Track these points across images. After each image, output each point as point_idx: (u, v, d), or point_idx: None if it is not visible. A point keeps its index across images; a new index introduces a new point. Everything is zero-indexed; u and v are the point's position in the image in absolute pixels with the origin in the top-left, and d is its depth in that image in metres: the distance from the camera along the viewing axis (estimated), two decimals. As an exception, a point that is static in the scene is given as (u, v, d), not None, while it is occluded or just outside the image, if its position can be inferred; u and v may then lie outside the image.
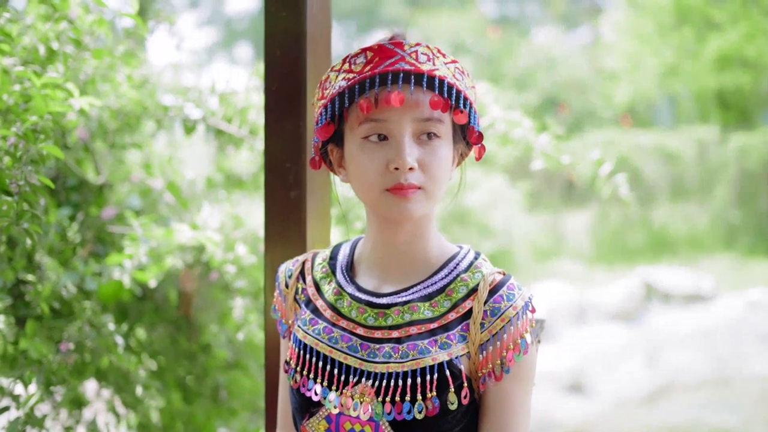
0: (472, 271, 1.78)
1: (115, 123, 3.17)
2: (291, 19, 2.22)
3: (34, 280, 2.66)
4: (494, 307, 1.71)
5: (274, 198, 2.28)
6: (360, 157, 1.69)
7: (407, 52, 1.65)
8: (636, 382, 8.11)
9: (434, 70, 1.64)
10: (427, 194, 1.69)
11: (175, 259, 2.93)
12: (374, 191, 1.69)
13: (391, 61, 1.64)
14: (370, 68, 1.64)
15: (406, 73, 1.63)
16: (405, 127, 1.65)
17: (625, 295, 9.53)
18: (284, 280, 1.95)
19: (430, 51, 1.66)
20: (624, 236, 12.39)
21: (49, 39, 2.58)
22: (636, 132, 14.14)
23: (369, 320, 1.76)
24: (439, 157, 1.68)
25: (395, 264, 1.80)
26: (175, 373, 3.27)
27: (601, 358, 8.36)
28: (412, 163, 1.64)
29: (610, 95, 15.90)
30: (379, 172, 1.67)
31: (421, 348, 1.68)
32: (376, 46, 1.66)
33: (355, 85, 1.65)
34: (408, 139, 1.65)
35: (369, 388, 1.69)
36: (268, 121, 2.28)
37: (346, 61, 1.69)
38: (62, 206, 3.14)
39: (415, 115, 1.65)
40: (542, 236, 11.77)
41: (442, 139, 1.69)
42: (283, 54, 2.24)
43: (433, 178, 1.68)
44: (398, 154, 1.64)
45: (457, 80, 1.67)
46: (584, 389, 7.86)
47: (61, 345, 2.62)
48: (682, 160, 13.30)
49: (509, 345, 1.69)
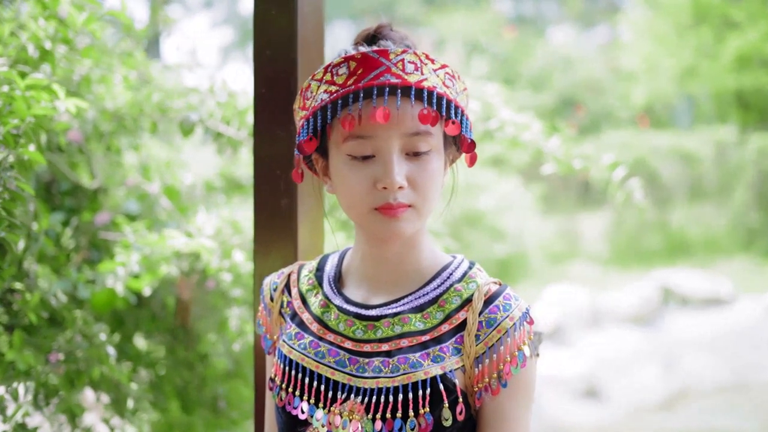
0: (466, 281, 1.69)
1: (111, 125, 3.09)
2: (281, 18, 2.11)
3: (22, 289, 2.58)
4: (490, 318, 1.62)
5: (264, 206, 2.18)
6: (346, 174, 1.60)
7: (393, 62, 1.54)
8: (651, 387, 8.01)
9: (422, 81, 1.54)
10: (417, 212, 1.61)
11: (170, 266, 2.85)
12: (362, 210, 1.61)
13: (376, 73, 1.53)
14: (354, 81, 1.54)
15: (392, 86, 1.53)
16: (393, 144, 1.56)
17: (641, 299, 9.41)
18: (269, 294, 1.87)
19: (418, 58, 1.56)
20: (640, 238, 12.28)
21: (40, 39, 2.50)
22: (653, 133, 14.02)
23: (357, 333, 1.67)
24: (429, 172, 1.59)
25: (385, 275, 1.72)
26: (173, 383, 3.19)
27: (616, 363, 8.26)
28: (402, 182, 1.55)
29: (627, 96, 15.78)
30: (367, 190, 1.58)
31: (412, 361, 1.60)
32: (359, 55, 1.55)
33: (337, 100, 1.55)
34: (396, 156, 1.56)
35: (358, 404, 1.60)
36: (258, 127, 2.19)
37: (327, 71, 1.59)
38: (56, 211, 3.06)
39: (403, 130, 1.55)
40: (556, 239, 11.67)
41: (432, 152, 1.60)
42: (274, 55, 2.13)
43: (424, 195, 1.59)
44: (386, 173, 1.55)
45: (448, 87, 1.57)
46: (599, 395, 7.77)
47: (50, 356, 2.54)
48: (700, 162, 13.17)
49: (506, 357, 1.61)
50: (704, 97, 16.11)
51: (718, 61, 14.36)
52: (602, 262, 11.47)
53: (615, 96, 16.15)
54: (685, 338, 9.03)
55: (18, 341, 2.49)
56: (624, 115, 15.97)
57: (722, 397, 7.95)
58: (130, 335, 3.16)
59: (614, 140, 12.78)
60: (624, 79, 16.24)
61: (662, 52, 15.04)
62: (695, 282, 9.95)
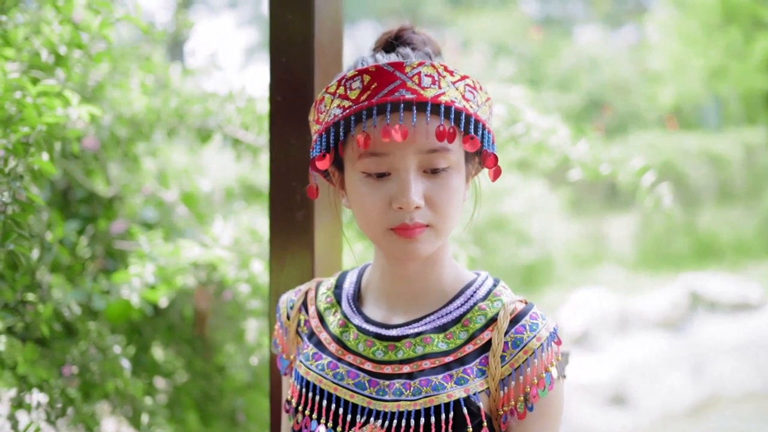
0: (490, 300, 1.61)
1: (128, 131, 3.04)
2: (298, 23, 2.03)
3: (34, 300, 2.51)
4: (516, 338, 1.55)
5: (279, 219, 2.10)
6: (361, 192, 1.53)
7: (408, 76, 1.46)
8: (680, 393, 7.91)
9: (440, 96, 1.46)
10: (436, 232, 1.53)
11: (187, 276, 2.79)
12: (377, 229, 1.54)
13: (391, 88, 1.45)
14: (367, 96, 1.46)
15: (408, 102, 1.45)
16: (409, 162, 1.48)
17: (669, 303, 9.27)
18: (285, 312, 1.79)
19: (435, 71, 1.47)
20: (668, 242, 12.14)
21: (54, 44, 2.44)
22: (681, 135, 13.88)
23: (378, 354, 1.60)
24: (448, 190, 1.51)
25: (406, 294, 1.64)
26: (191, 394, 3.13)
27: (644, 369, 8.15)
28: (418, 201, 1.48)
29: (655, 97, 15.63)
30: (382, 209, 1.51)
31: (435, 384, 1.53)
32: (373, 68, 1.47)
33: (350, 116, 1.47)
34: (413, 174, 1.49)
35: (378, 428, 1.53)
36: (273, 135, 2.11)
37: (341, 84, 1.51)
38: (71, 219, 3.01)
39: (420, 147, 1.47)
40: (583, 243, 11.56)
41: (450, 169, 1.51)
42: (290, 61, 2.05)
43: (443, 214, 1.52)
44: (402, 192, 1.48)
45: (467, 101, 1.49)
46: (626, 401, 7.67)
47: (64, 368, 2.48)
48: (728, 164, 13.01)
49: (533, 380, 1.53)
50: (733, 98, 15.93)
51: (747, 61, 14.20)
52: (630, 266, 11.34)
53: (642, 97, 16.00)
54: (713, 344, 8.90)
55: (30, 354, 2.43)
56: (651, 116, 15.83)
57: (751, 404, 7.86)
58: (147, 346, 3.10)
59: (642, 142, 12.65)
60: (652, 79, 16.09)
61: (690, 52, 14.89)
62: (724, 286, 9.81)
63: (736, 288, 9.82)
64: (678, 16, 15.58)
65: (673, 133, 14.16)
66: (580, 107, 15.07)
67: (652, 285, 10.20)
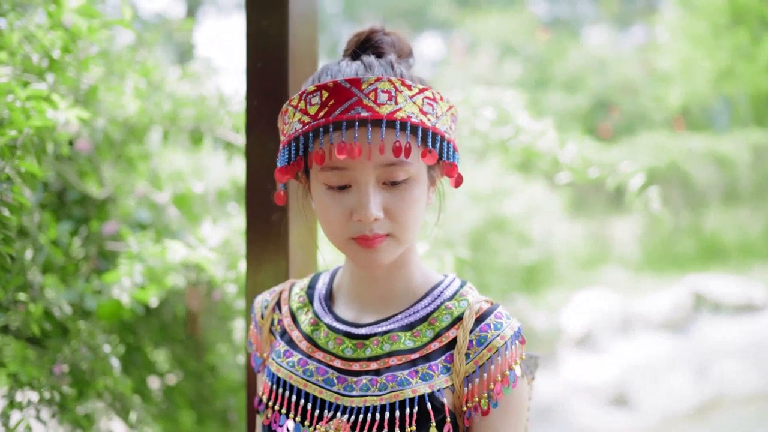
0: (457, 299, 1.66)
1: (121, 134, 3.08)
2: (273, 28, 2.07)
3: (26, 300, 2.56)
4: (481, 336, 1.60)
5: (255, 221, 2.15)
6: (324, 202, 1.57)
7: (365, 92, 1.49)
8: (683, 395, 7.90)
9: (395, 112, 1.49)
10: (396, 240, 1.58)
11: (177, 277, 2.83)
12: (340, 239, 1.59)
13: (346, 106, 1.49)
14: (325, 114, 1.50)
15: (362, 120, 1.48)
16: (368, 175, 1.52)
17: (672, 305, 9.26)
18: (260, 311, 1.84)
19: (393, 86, 1.51)
20: (674, 243, 12.11)
21: (47, 48, 2.49)
22: (687, 136, 13.84)
23: (347, 352, 1.65)
24: (408, 201, 1.55)
25: (375, 295, 1.69)
26: (184, 394, 3.18)
27: (647, 370, 8.14)
28: (377, 214, 1.52)
29: (663, 98, 15.59)
30: (344, 220, 1.56)
31: (400, 379, 1.57)
32: (331, 84, 1.51)
33: (309, 132, 1.52)
34: (372, 187, 1.53)
35: (344, 423, 1.57)
36: (249, 139, 2.15)
37: (302, 98, 1.55)
38: (65, 221, 3.05)
39: (378, 161, 1.51)
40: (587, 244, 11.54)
41: (410, 180, 1.55)
42: (265, 67, 2.10)
43: (402, 224, 1.56)
44: (361, 205, 1.52)
45: (425, 114, 1.52)
46: (629, 402, 7.66)
47: (55, 367, 2.52)
48: (735, 165, 12.96)
49: (497, 377, 1.58)
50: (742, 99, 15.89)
51: (755, 62, 14.16)
52: (634, 268, 11.32)
53: (650, 98, 15.96)
54: (717, 345, 8.88)
55: (21, 352, 2.48)
56: (659, 117, 15.78)
57: (754, 406, 7.83)
58: (141, 346, 3.15)
59: (648, 143, 12.62)
60: (660, 80, 16.05)
61: (698, 53, 14.85)
62: (728, 288, 9.79)
63: (740, 289, 9.80)
64: (686, 17, 15.55)
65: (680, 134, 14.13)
66: (587, 108, 15.05)
67: (656, 286, 10.19)
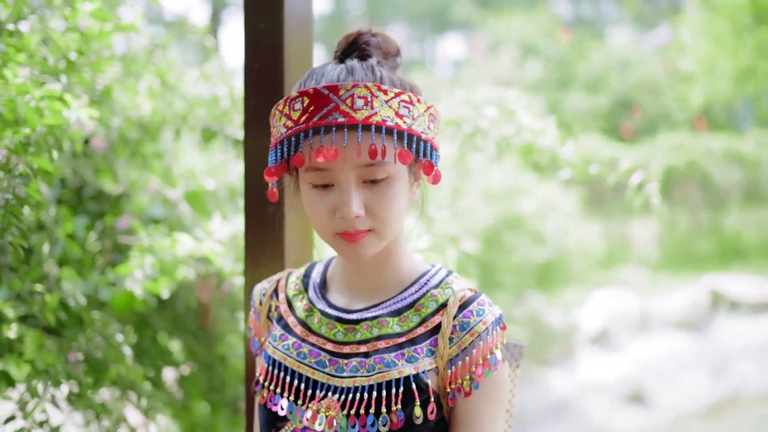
0: (442, 287, 1.76)
1: (136, 132, 3.20)
2: (269, 32, 2.18)
3: (42, 290, 2.68)
4: (463, 322, 1.69)
5: (253, 215, 2.25)
6: (310, 200, 1.68)
7: (342, 98, 1.59)
8: (699, 393, 7.93)
9: (371, 117, 1.59)
10: (378, 235, 1.68)
11: (188, 269, 2.94)
12: (326, 234, 1.70)
13: (325, 112, 1.59)
14: (305, 119, 1.61)
15: (339, 125, 1.59)
16: (349, 175, 1.62)
17: (690, 304, 9.29)
18: (259, 298, 1.96)
19: (369, 91, 1.60)
20: (693, 243, 12.12)
21: (63, 50, 2.60)
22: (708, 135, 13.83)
23: (338, 336, 1.75)
24: (387, 198, 1.65)
25: (364, 283, 1.80)
26: (197, 383, 3.28)
27: (664, 369, 8.19)
28: (358, 211, 1.63)
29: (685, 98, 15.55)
30: (328, 217, 1.66)
31: (387, 361, 1.67)
32: (312, 90, 1.61)
33: (292, 137, 1.62)
34: (353, 186, 1.63)
35: (335, 402, 1.67)
36: (247, 137, 2.25)
37: (286, 103, 1.65)
38: (81, 215, 3.17)
39: (357, 162, 1.61)
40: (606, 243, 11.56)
41: (390, 178, 1.65)
42: (262, 68, 2.20)
43: (383, 220, 1.66)
44: (343, 204, 1.63)
45: (401, 117, 1.62)
46: (644, 400, 7.71)
47: (70, 355, 2.64)
48: (755, 165, 12.94)
49: (478, 360, 1.67)
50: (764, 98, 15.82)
51: (777, 62, 14.11)
52: (653, 267, 11.33)
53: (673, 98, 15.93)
54: (734, 344, 8.90)
55: (37, 341, 2.60)
56: (681, 117, 15.75)
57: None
58: (155, 337, 3.26)
59: (668, 143, 12.63)
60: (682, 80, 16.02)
61: (720, 53, 14.82)
62: (746, 287, 9.80)
63: (758, 289, 9.81)
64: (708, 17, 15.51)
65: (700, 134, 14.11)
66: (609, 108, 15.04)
67: (675, 286, 10.21)
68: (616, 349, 8.46)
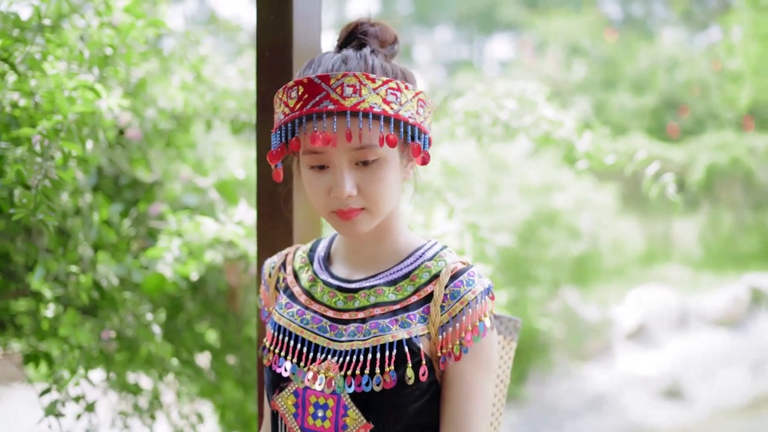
0: (436, 260, 1.88)
1: (169, 124, 3.37)
2: (278, 24, 2.32)
3: (77, 272, 2.85)
4: (454, 291, 1.81)
5: (264, 195, 2.41)
6: (309, 180, 1.81)
7: (333, 87, 1.72)
8: (737, 390, 7.91)
9: (359, 104, 1.71)
10: (370, 213, 1.80)
11: (216, 253, 3.08)
12: (323, 212, 1.83)
13: (317, 100, 1.72)
14: (300, 106, 1.74)
15: (329, 112, 1.72)
16: (341, 158, 1.75)
17: (730, 301, 9.25)
18: (268, 271, 2.10)
19: (358, 80, 1.73)
20: (736, 242, 12.04)
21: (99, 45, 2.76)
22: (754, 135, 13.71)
23: (338, 303, 1.88)
24: (378, 179, 1.77)
25: (363, 257, 1.93)
26: (227, 365, 3.43)
27: (702, 365, 8.18)
28: (350, 191, 1.75)
29: (733, 98, 15.42)
30: (324, 195, 1.79)
31: (382, 326, 1.80)
32: (306, 80, 1.74)
33: (288, 123, 1.76)
34: (346, 167, 1.76)
35: (333, 364, 1.80)
36: (259, 122, 2.40)
37: (285, 92, 1.79)
38: (117, 202, 3.33)
39: (349, 146, 1.74)
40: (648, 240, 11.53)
41: (381, 160, 1.77)
42: (272, 57, 2.35)
43: (374, 199, 1.78)
44: (336, 184, 1.76)
45: (388, 103, 1.74)
46: (682, 395, 7.71)
47: (102, 333, 2.80)
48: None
49: (468, 327, 1.79)
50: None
51: (825, 61, 13.97)
52: (695, 266, 11.29)
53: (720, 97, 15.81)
54: (773, 342, 8.87)
55: (71, 319, 2.77)
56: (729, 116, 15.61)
57: (809, 403, 7.81)
58: (188, 319, 3.40)
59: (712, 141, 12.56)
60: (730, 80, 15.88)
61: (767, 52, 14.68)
62: (787, 285, 9.74)
63: (800, 287, 9.75)
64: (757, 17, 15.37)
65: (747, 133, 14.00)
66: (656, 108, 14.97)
67: (716, 284, 10.17)
68: (653, 345, 8.47)
